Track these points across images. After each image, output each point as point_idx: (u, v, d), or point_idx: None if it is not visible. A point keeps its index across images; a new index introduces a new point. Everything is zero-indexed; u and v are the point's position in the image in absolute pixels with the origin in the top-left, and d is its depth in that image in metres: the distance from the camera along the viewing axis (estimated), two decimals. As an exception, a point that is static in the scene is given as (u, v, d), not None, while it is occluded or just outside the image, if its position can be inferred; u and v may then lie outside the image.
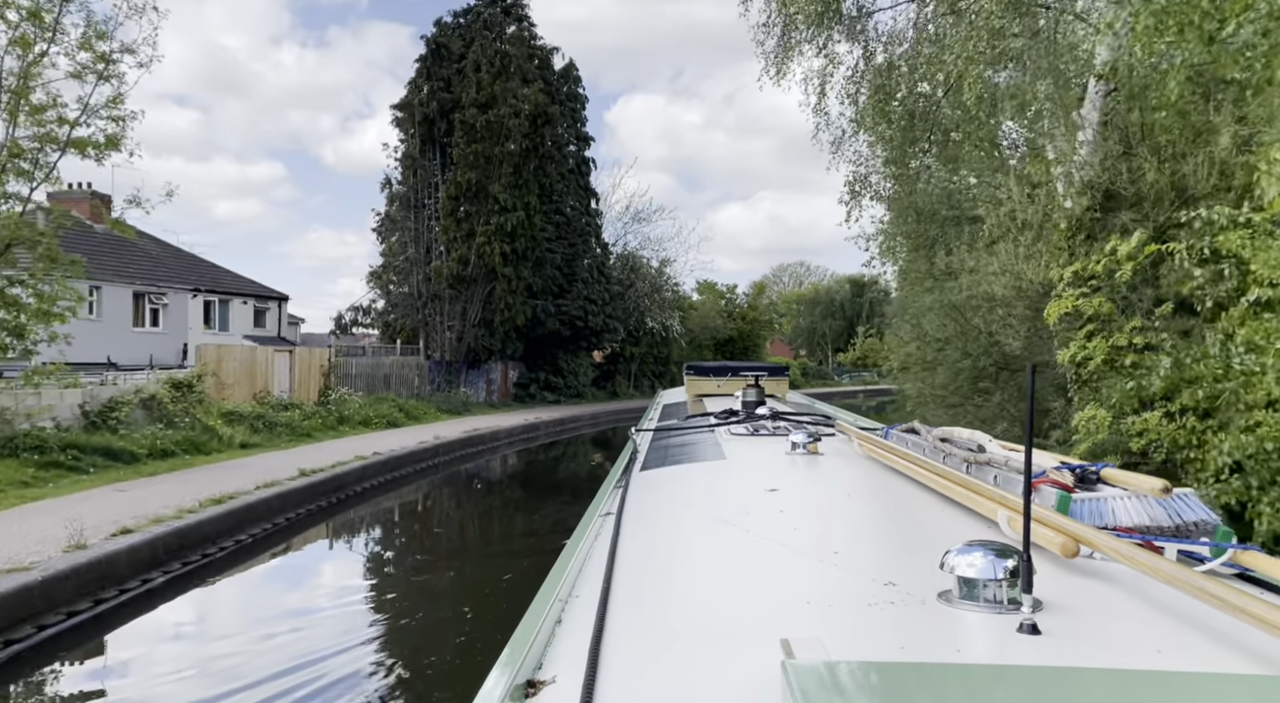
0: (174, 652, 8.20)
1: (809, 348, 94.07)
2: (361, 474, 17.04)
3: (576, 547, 2.66)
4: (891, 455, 3.58)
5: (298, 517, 13.86)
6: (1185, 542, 2.24)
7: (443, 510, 18.02)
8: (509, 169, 32.66)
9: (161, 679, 7.37)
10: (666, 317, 48.11)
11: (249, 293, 37.67)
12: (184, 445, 17.00)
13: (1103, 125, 9.67)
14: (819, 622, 1.79)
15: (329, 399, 24.83)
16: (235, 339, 33.90)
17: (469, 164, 32.23)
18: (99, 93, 14.90)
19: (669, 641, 1.78)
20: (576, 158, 41.67)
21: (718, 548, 2.55)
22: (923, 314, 12.54)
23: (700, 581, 2.27)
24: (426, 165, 34.95)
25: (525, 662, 1.66)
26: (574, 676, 1.56)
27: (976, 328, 10.42)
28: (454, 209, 32.75)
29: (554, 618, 1.96)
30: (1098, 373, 8.44)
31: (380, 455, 18.60)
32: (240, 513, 12.18)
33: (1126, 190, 8.55)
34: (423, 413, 28.22)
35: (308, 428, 21.58)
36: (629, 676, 1.59)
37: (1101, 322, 8.24)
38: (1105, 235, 9.12)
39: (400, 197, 35.65)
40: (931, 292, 13.30)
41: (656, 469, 4.20)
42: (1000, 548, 1.81)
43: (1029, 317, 9.39)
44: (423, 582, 11.46)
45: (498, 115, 32.10)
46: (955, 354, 10.43)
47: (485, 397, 36.60)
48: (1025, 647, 1.59)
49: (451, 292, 34.35)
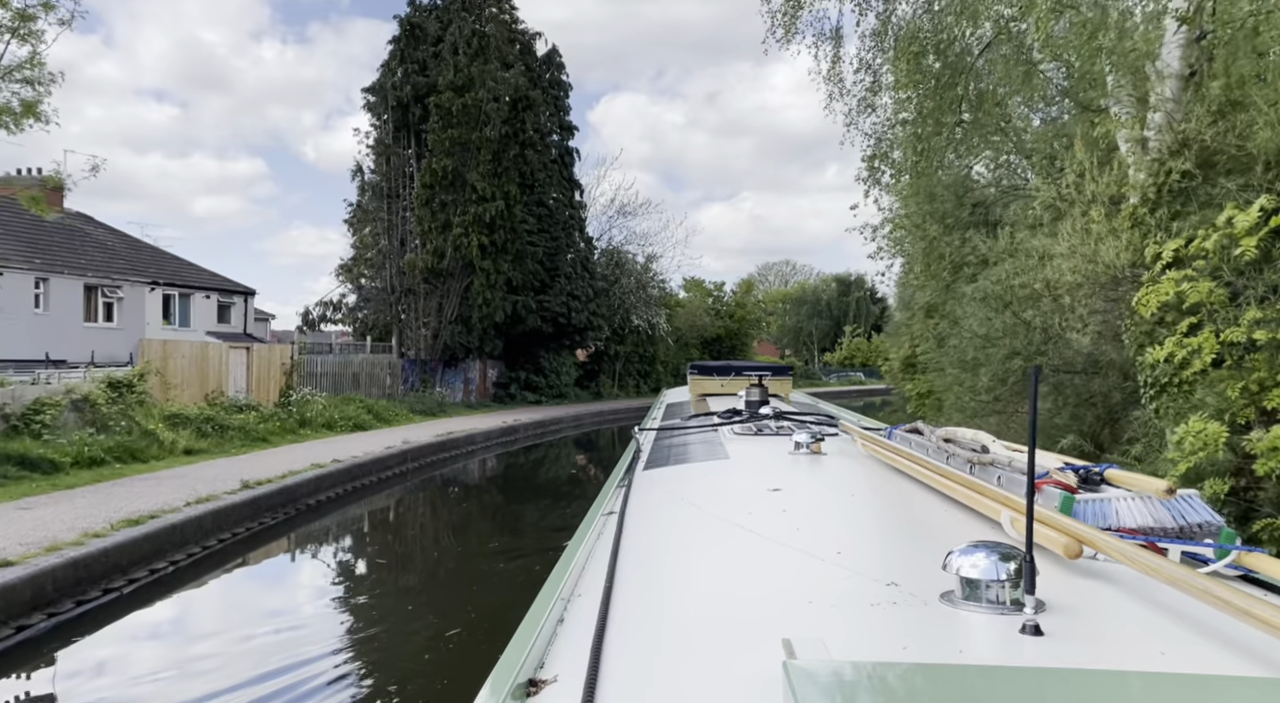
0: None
1: (795, 347, 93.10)
2: (316, 485, 15.24)
3: (579, 545, 2.64)
4: (895, 456, 3.56)
5: (235, 537, 12.05)
6: (1189, 543, 2.19)
7: (407, 528, 16.17)
8: (487, 156, 30.84)
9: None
10: (652, 314, 46.43)
11: (213, 287, 35.62)
12: (117, 453, 15.15)
13: (1187, 77, 8.10)
14: (821, 622, 1.78)
15: (290, 400, 23.00)
16: (197, 335, 31.94)
17: (445, 151, 30.39)
18: (13, 54, 13.06)
19: (671, 640, 1.78)
20: (559, 148, 39.89)
21: (720, 547, 2.53)
22: (958, 306, 10.90)
23: (702, 580, 2.25)
24: (400, 153, 33.07)
25: (527, 660, 1.66)
26: (576, 674, 1.56)
27: (1027, 322, 8.80)
28: (429, 198, 30.88)
29: (556, 617, 1.95)
30: (1193, 377, 6.83)
31: (340, 463, 16.81)
32: (162, 536, 10.39)
33: (1230, 151, 6.97)
34: (393, 415, 26.39)
35: (264, 432, 19.74)
36: (631, 675, 1.58)
37: (1208, 312, 6.63)
38: (1198, 208, 7.50)
39: (373, 186, 33.74)
40: (971, 280, 11.67)
41: (660, 468, 4.17)
42: (1003, 549, 1.80)
43: (1101, 307, 7.79)
44: (374, 618, 9.71)
45: (475, 99, 30.27)
46: (1001, 352, 8.82)
47: (463, 397, 34.77)
48: (1028, 648, 1.57)
49: (427, 286, 32.51)
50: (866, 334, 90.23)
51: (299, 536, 13.57)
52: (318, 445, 19.54)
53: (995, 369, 9.10)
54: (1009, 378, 8.82)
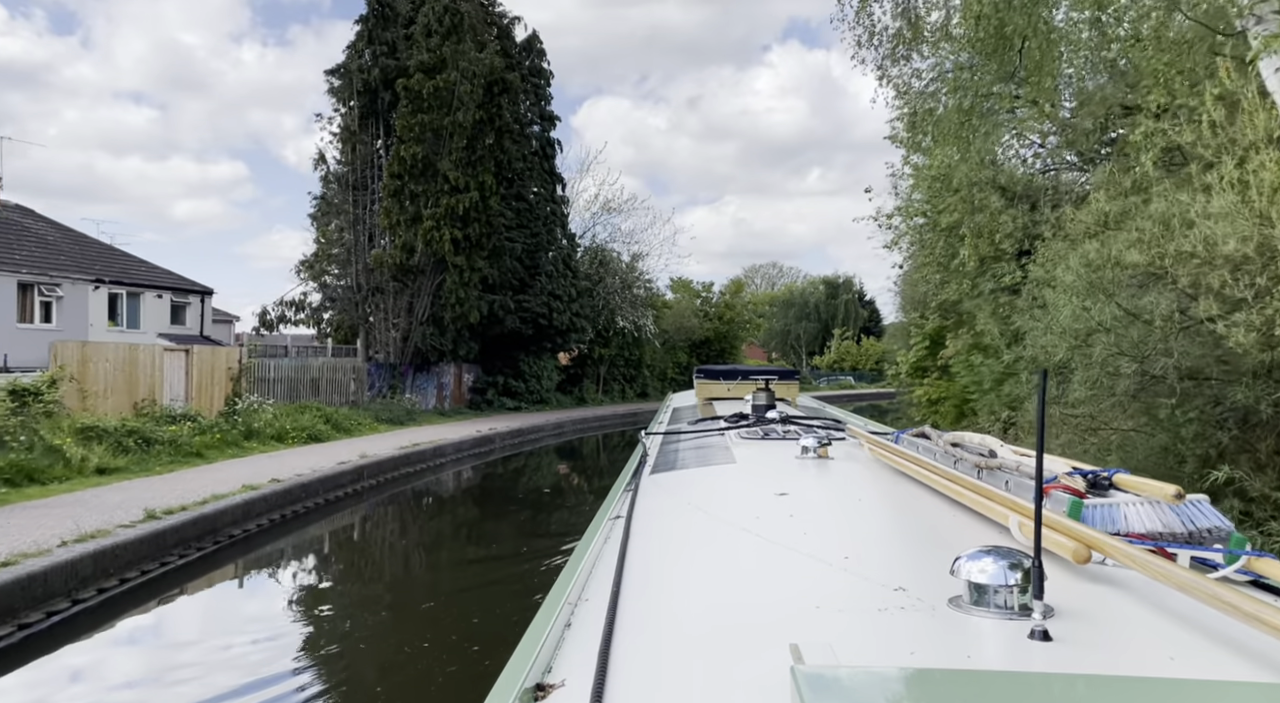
0: None
1: (782, 351, 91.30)
2: (245, 511, 12.87)
3: (586, 550, 2.61)
4: (902, 460, 3.51)
5: (124, 585, 9.69)
6: (1199, 548, 2.14)
7: (355, 565, 13.66)
8: (461, 143, 28.47)
9: None
10: (639, 316, 44.14)
11: (165, 285, 33.08)
12: (8, 474, 12.76)
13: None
14: (828, 627, 1.76)
15: (236, 409, 20.58)
16: (148, 337, 29.41)
17: (415, 137, 27.98)
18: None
19: (678, 644, 1.77)
20: (540, 139, 37.54)
21: (727, 552, 2.50)
22: (1044, 290, 8.70)
23: (710, 584, 2.22)
24: (368, 141, 30.63)
25: (534, 665, 1.64)
26: (583, 679, 1.54)
27: (1136, 315, 6.62)
28: (398, 189, 28.47)
29: (563, 621, 1.93)
30: None
31: (280, 483, 14.45)
32: (7, 590, 8.04)
33: None
34: (355, 424, 23.97)
35: (198, 446, 17.32)
36: (638, 679, 1.56)
37: None
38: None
39: (339, 177, 31.28)
40: (1015, 268, 9.49)
41: (666, 472, 4.12)
42: (1011, 554, 1.77)
43: (1267, 287, 5.64)
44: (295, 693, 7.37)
45: (447, 81, 27.89)
46: (1105, 352, 6.64)
47: (435, 404, 32.37)
48: (1036, 653, 1.55)
49: (396, 284, 30.09)
50: (856, 337, 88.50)
51: (207, 580, 11.11)
52: (261, 461, 17.16)
53: (1093, 375, 6.91)
54: (1118, 386, 6.62)
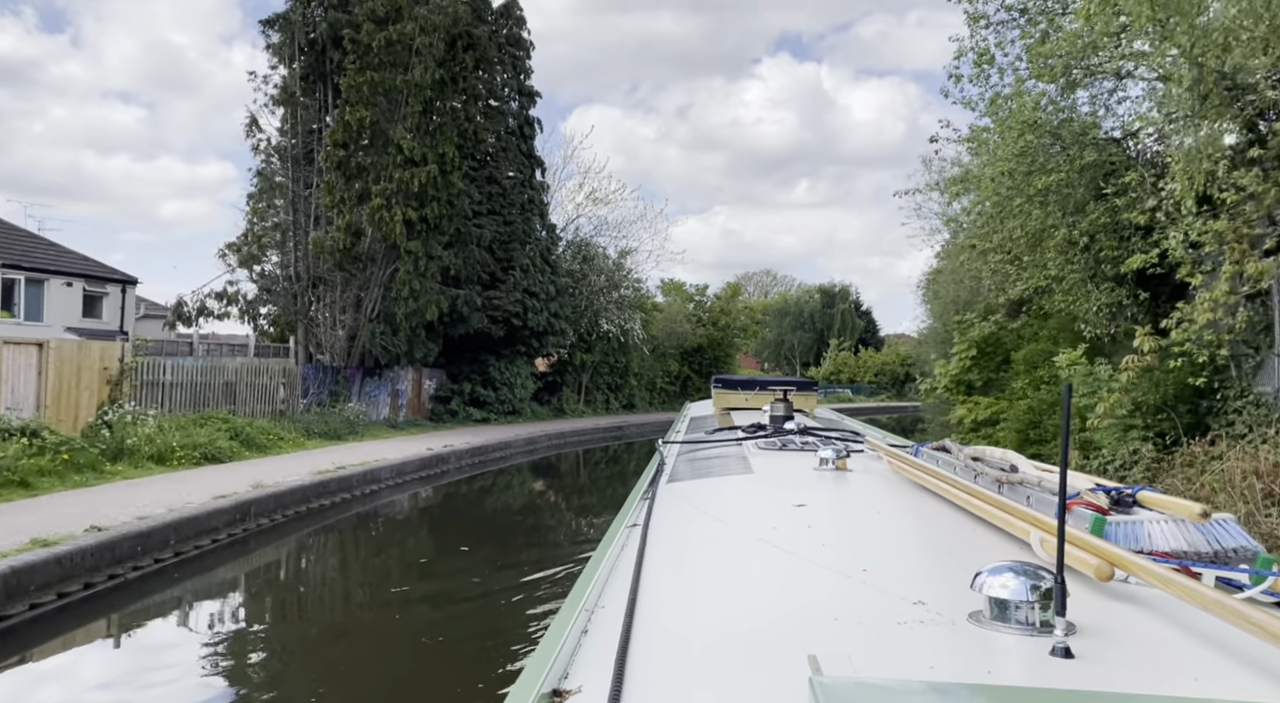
0: None
1: (776, 361, 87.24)
2: (23, 581, 8.43)
3: (603, 557, 2.60)
4: (922, 473, 3.50)
5: None
6: (1224, 568, 2.11)
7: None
8: (417, 107, 24.08)
9: None
10: (626, 319, 39.80)
11: (76, 272, 28.52)
12: None
13: None
14: (847, 639, 1.74)
15: (109, 421, 16.12)
16: (53, 331, 24.90)
17: (362, 99, 23.58)
18: None
19: (695, 653, 1.75)
20: (518, 117, 33.23)
21: (745, 562, 2.50)
22: None
23: (727, 594, 2.21)
24: (311, 107, 26.22)
25: (551, 671, 1.63)
26: (599, 686, 1.53)
27: None
28: (342, 160, 24.04)
29: (580, 628, 1.93)
30: None
31: (102, 532, 10.02)
32: None
33: None
34: (275, 440, 19.49)
35: (28, 470, 12.82)
36: (655, 687, 1.55)
37: None
38: None
39: (280, 149, 26.85)
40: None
41: (683, 482, 4.12)
42: (1033, 570, 1.76)
43: None
44: None
45: (403, 33, 23.50)
46: None
47: (388, 414, 27.90)
48: (1058, 670, 1.53)
49: (343, 274, 25.65)
50: (853, 348, 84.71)
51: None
52: (110, 492, 12.72)
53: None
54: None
